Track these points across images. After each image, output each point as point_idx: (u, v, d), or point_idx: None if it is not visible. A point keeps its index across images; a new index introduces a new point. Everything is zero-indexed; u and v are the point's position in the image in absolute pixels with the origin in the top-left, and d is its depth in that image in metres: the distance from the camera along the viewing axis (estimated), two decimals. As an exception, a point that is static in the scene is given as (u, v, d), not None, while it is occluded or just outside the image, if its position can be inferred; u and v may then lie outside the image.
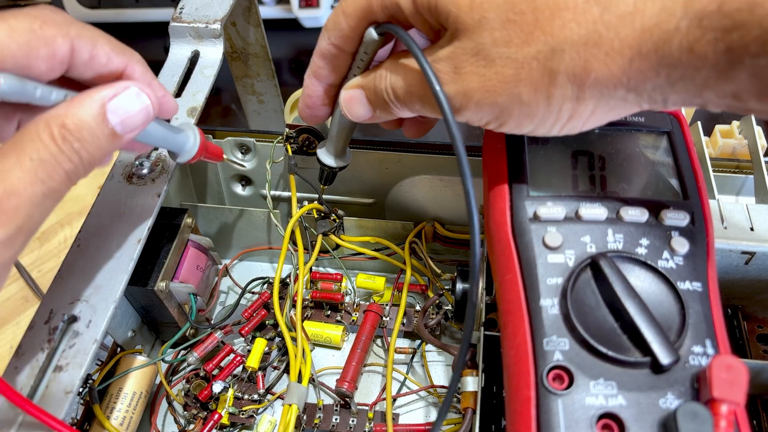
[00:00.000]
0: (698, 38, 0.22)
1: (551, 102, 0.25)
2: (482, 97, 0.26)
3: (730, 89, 0.23)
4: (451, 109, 0.27)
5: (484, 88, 0.26)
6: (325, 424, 0.44)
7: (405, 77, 0.30)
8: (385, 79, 0.31)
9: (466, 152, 0.25)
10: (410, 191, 0.50)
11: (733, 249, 0.37)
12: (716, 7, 0.21)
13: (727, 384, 0.24)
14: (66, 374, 0.32)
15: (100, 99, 0.27)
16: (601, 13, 0.23)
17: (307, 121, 0.37)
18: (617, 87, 0.24)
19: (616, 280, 0.27)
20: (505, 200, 0.31)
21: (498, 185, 0.32)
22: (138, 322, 0.46)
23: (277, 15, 0.90)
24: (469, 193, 0.26)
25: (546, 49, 0.24)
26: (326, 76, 0.34)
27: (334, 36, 0.31)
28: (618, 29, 0.23)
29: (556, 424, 0.25)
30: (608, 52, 0.23)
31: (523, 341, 0.28)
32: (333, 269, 0.55)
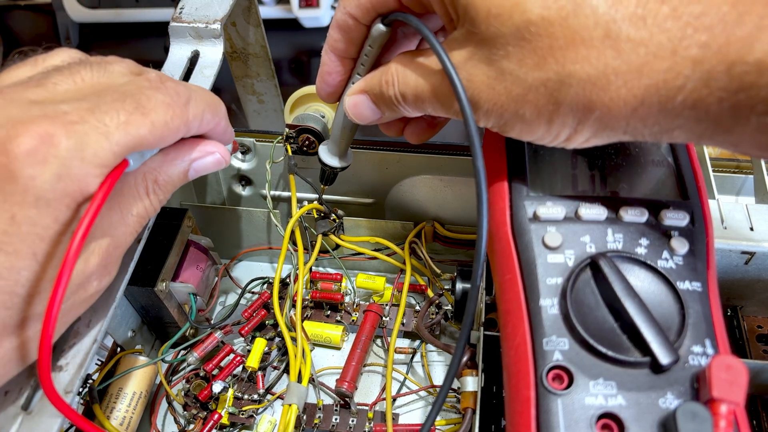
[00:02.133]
0: (704, 97, 0.22)
1: (551, 126, 0.26)
2: (490, 108, 0.27)
3: (731, 140, 0.23)
4: (474, 117, 0.27)
5: (492, 100, 0.26)
6: (324, 424, 0.44)
7: (417, 79, 0.29)
8: (394, 85, 0.30)
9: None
10: (410, 191, 0.50)
11: (733, 249, 0.37)
12: (725, 68, 0.21)
13: (727, 384, 0.24)
14: (66, 374, 0.32)
15: (189, 160, 0.31)
16: (614, 58, 0.23)
17: (324, 100, 0.37)
18: (617, 127, 0.25)
19: (615, 280, 0.27)
20: (505, 200, 0.31)
21: (498, 185, 0.32)
22: (138, 322, 0.46)
23: (277, 15, 0.90)
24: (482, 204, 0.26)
25: (555, 78, 0.24)
26: (343, 50, 0.33)
27: (351, 5, 0.30)
28: (626, 79, 0.23)
29: (555, 424, 0.25)
30: (613, 98, 0.23)
31: (523, 341, 0.28)
32: (333, 269, 0.55)
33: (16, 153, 0.23)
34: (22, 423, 0.31)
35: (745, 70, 0.21)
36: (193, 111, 0.29)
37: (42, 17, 1.01)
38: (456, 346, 0.28)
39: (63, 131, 0.24)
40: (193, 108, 0.29)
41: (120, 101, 0.26)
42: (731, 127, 0.23)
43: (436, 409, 0.30)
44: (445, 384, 0.29)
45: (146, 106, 0.27)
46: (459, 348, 0.28)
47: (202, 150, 0.32)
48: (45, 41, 0.98)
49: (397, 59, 0.31)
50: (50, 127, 0.24)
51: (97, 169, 0.25)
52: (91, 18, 0.93)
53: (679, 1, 0.22)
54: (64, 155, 0.24)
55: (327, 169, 0.41)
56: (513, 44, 0.25)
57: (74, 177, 0.24)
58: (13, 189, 0.23)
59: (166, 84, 0.29)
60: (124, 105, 0.26)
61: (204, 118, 0.30)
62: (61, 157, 0.24)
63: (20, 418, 0.31)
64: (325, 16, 0.89)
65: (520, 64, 0.25)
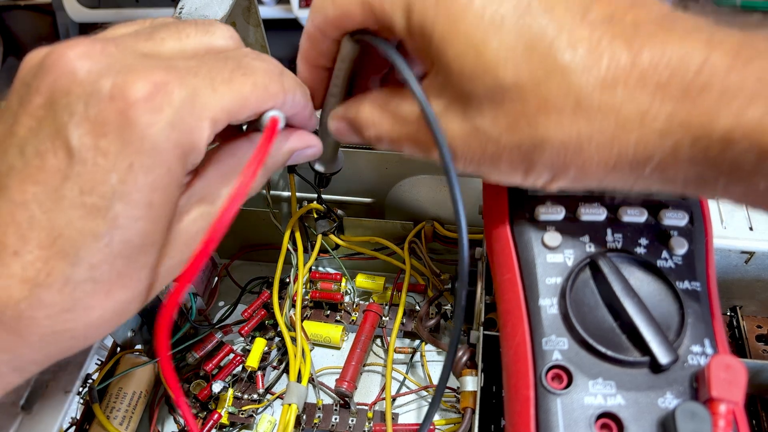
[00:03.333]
0: (672, 165, 0.23)
1: (527, 178, 0.26)
2: (467, 160, 0.27)
3: (701, 193, 0.25)
4: (455, 172, 0.26)
5: (468, 154, 0.27)
6: (324, 423, 0.44)
7: (393, 126, 0.29)
8: (369, 128, 0.30)
9: None
10: (410, 191, 0.50)
11: (733, 249, 0.37)
12: (690, 141, 0.22)
13: (726, 383, 0.24)
14: (65, 373, 0.32)
15: (293, 148, 0.32)
16: (586, 126, 0.23)
17: None
18: (592, 181, 0.25)
19: (615, 279, 0.27)
20: (504, 200, 0.31)
21: (497, 185, 0.32)
22: (138, 322, 0.46)
23: (277, 15, 0.90)
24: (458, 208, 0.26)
25: (529, 143, 0.25)
26: (315, 59, 0.33)
27: (318, 18, 0.30)
28: (598, 148, 0.24)
29: (554, 424, 0.25)
30: (586, 161, 0.24)
31: (522, 341, 0.28)
32: (332, 269, 0.55)
33: (134, 99, 0.23)
34: (22, 423, 0.31)
35: (708, 145, 0.22)
36: (287, 83, 0.29)
37: (42, 17, 1.01)
38: (450, 343, 0.28)
39: (176, 82, 0.24)
40: (287, 81, 0.29)
41: (222, 61, 0.27)
42: (701, 190, 0.24)
43: (434, 407, 0.30)
44: (440, 386, 0.29)
45: (247, 68, 0.27)
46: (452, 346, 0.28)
47: (305, 140, 0.32)
48: (45, 41, 0.98)
49: (371, 99, 0.30)
50: (165, 76, 0.24)
51: (206, 122, 0.25)
52: (91, 18, 0.93)
53: (649, 64, 0.22)
54: (177, 104, 0.24)
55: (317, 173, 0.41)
56: (487, 105, 0.25)
57: (186, 127, 0.24)
58: (130, 136, 0.23)
59: (260, 54, 0.29)
60: (227, 65, 0.27)
61: (296, 94, 0.30)
62: (175, 107, 0.24)
63: (20, 418, 0.31)
64: (325, 16, 0.89)
65: (494, 125, 0.25)
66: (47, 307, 0.24)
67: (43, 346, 0.25)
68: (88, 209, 0.23)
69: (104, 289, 0.25)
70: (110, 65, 0.24)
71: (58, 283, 0.23)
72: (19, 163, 0.24)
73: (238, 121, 0.28)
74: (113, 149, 0.23)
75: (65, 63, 0.24)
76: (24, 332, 0.24)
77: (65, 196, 0.23)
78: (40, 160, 0.23)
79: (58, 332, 0.24)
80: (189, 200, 0.27)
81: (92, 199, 0.23)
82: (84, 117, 0.23)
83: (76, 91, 0.24)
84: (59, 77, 0.24)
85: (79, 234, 0.23)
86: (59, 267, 0.23)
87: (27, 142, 0.24)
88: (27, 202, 0.23)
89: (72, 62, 0.24)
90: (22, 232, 0.23)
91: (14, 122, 0.24)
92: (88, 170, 0.23)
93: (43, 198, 0.23)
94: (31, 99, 0.24)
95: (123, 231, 0.24)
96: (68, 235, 0.23)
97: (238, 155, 0.30)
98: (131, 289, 0.26)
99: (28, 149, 0.24)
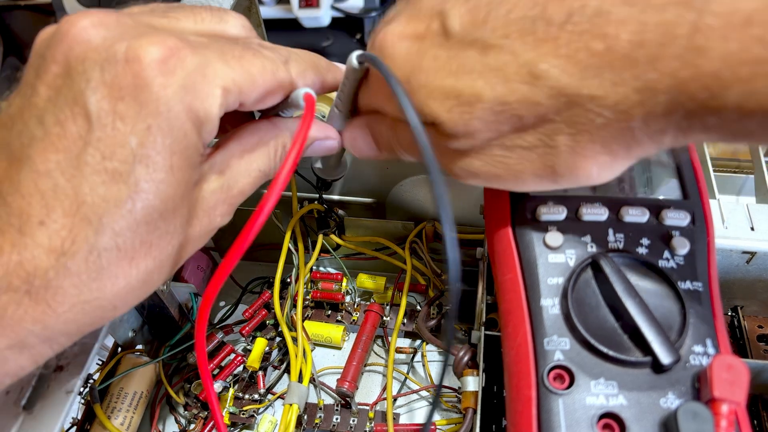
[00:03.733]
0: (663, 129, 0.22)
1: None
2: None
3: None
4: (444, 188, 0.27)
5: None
6: (325, 423, 0.44)
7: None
8: (397, 141, 0.32)
9: None
10: (411, 191, 0.50)
11: (734, 249, 0.37)
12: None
13: (728, 384, 0.24)
14: (67, 374, 0.32)
15: (314, 138, 0.32)
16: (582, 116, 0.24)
17: None
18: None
19: (616, 279, 0.27)
20: (506, 200, 0.31)
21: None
22: (139, 322, 0.46)
23: (277, 15, 0.90)
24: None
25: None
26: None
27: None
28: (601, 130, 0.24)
29: (556, 424, 0.25)
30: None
31: (524, 341, 0.28)
32: (333, 269, 0.55)
33: (149, 60, 0.23)
34: (23, 422, 0.31)
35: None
36: (294, 69, 0.29)
37: (42, 17, 1.01)
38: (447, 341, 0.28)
39: (189, 49, 0.25)
40: (294, 66, 0.29)
41: (233, 43, 0.28)
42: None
43: (434, 407, 0.30)
44: (439, 386, 0.29)
45: (256, 51, 0.28)
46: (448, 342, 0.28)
47: (325, 131, 0.33)
48: (45, 41, 0.98)
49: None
50: (178, 43, 0.25)
51: (217, 89, 0.25)
52: (92, 18, 0.93)
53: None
54: (190, 69, 0.24)
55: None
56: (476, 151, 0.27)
57: (198, 92, 0.25)
58: (147, 97, 0.24)
59: (267, 43, 0.30)
60: (237, 45, 0.27)
61: (306, 75, 0.30)
62: (187, 70, 0.24)
63: (21, 418, 0.31)
64: (325, 16, 0.89)
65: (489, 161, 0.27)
66: (74, 276, 0.24)
67: (72, 316, 0.25)
68: (110, 174, 0.23)
69: (128, 256, 0.25)
70: (124, 32, 0.25)
71: (82, 251, 0.24)
72: (40, 132, 0.24)
73: (248, 103, 0.28)
74: (131, 112, 0.24)
75: (79, 31, 0.24)
76: (52, 302, 0.24)
77: (87, 163, 0.23)
78: (61, 128, 0.24)
79: (86, 302, 0.25)
80: (209, 171, 0.28)
81: (113, 164, 0.23)
82: (101, 82, 0.23)
83: (91, 56, 0.24)
84: (74, 45, 0.24)
85: (102, 200, 0.24)
86: (83, 234, 0.24)
87: (46, 112, 0.24)
88: (50, 171, 0.23)
89: (87, 29, 0.24)
90: (46, 200, 0.23)
91: (32, 93, 0.25)
92: (107, 135, 0.23)
93: (66, 165, 0.23)
94: (48, 68, 0.24)
95: (145, 195, 0.24)
96: (91, 202, 0.23)
97: (259, 134, 0.30)
98: (154, 258, 0.26)
99: (48, 118, 0.24)
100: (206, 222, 0.28)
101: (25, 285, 0.23)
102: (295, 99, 0.30)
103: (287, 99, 0.30)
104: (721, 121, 0.21)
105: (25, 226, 0.23)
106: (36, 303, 0.24)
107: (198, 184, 0.27)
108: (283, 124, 0.31)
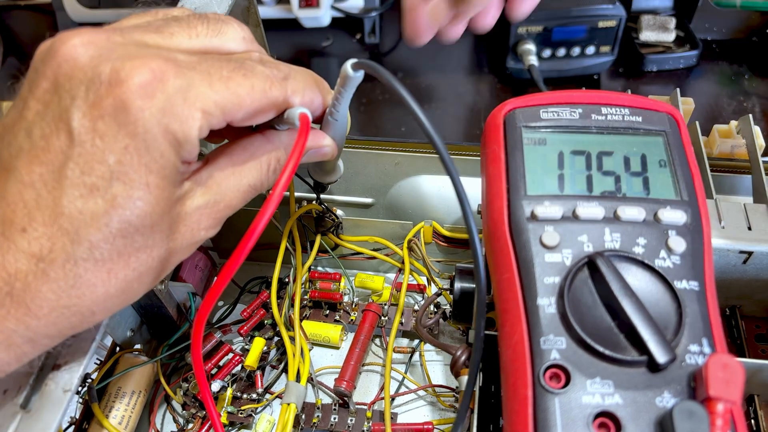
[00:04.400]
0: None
1: None
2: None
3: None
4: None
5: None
6: (323, 423, 0.44)
7: None
8: None
9: (463, 153, 0.26)
10: (409, 191, 0.50)
11: (731, 248, 0.37)
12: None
13: (724, 383, 0.24)
14: (64, 372, 0.32)
15: (308, 148, 0.33)
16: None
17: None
18: None
19: (613, 279, 0.28)
20: (503, 199, 0.31)
21: (496, 184, 0.32)
22: (137, 322, 0.46)
23: (276, 15, 0.90)
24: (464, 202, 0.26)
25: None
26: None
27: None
28: None
29: (552, 423, 0.25)
30: None
31: (520, 340, 0.28)
32: (331, 269, 0.55)
33: (130, 84, 0.24)
34: (21, 421, 0.31)
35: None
36: (292, 86, 0.30)
37: (42, 17, 1.01)
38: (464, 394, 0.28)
39: (173, 72, 0.25)
40: (292, 84, 0.30)
41: (225, 62, 0.28)
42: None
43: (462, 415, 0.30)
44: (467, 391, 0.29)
45: (248, 70, 0.28)
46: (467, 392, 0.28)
47: (318, 140, 0.34)
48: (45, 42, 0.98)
49: None
50: (163, 65, 0.25)
51: (197, 113, 0.26)
52: (91, 18, 0.93)
53: None
54: (171, 92, 0.25)
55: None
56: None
57: (176, 115, 0.25)
58: (125, 118, 0.24)
59: (267, 59, 0.31)
60: (228, 65, 0.28)
61: (304, 94, 0.31)
62: (168, 94, 0.25)
63: (19, 417, 0.31)
64: (325, 16, 0.88)
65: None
66: (52, 282, 0.25)
67: (53, 320, 0.26)
68: (88, 189, 0.25)
69: (106, 267, 0.26)
70: (111, 52, 0.25)
71: (60, 259, 0.25)
72: (27, 144, 0.25)
73: (235, 121, 0.28)
74: (110, 132, 0.24)
75: (69, 49, 0.25)
76: (31, 305, 0.25)
77: (67, 176, 0.24)
78: (45, 142, 0.25)
79: (64, 306, 0.26)
80: (194, 186, 0.28)
81: (91, 179, 0.25)
82: (84, 100, 0.24)
83: (78, 75, 0.25)
84: (63, 62, 0.25)
85: (79, 213, 0.25)
86: (60, 243, 0.25)
87: (34, 125, 0.25)
88: (34, 182, 0.25)
89: (75, 48, 0.25)
90: (28, 210, 0.25)
91: (23, 107, 0.26)
92: (87, 151, 0.24)
93: (48, 178, 0.25)
94: (39, 84, 0.26)
95: (122, 211, 0.25)
96: (69, 214, 0.25)
97: (250, 150, 0.30)
98: (134, 269, 0.27)
99: (35, 131, 0.25)
100: (189, 236, 0.29)
101: (7, 286, 0.25)
102: (290, 117, 0.30)
103: (282, 114, 0.30)
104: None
105: (8, 231, 0.25)
106: (18, 305, 0.25)
107: (181, 199, 0.28)
108: (277, 138, 0.32)
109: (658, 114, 0.33)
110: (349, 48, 0.86)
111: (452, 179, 0.27)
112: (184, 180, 0.28)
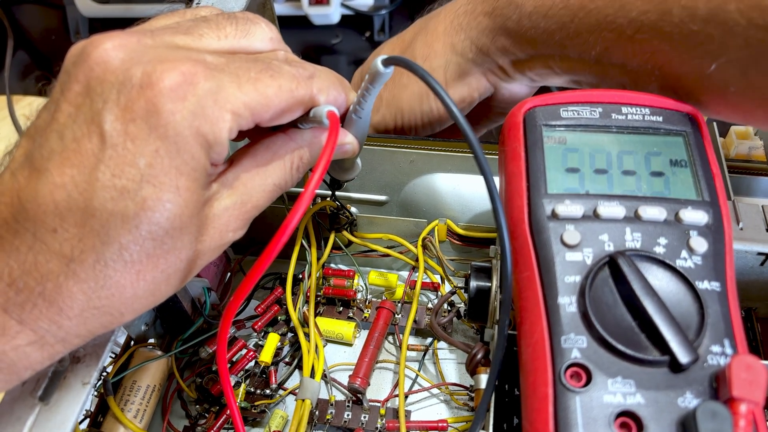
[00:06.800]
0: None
1: None
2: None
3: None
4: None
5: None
6: (337, 419, 0.44)
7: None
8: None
9: (484, 150, 0.27)
10: (424, 189, 0.50)
11: (749, 250, 0.37)
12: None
13: (747, 383, 0.24)
14: (83, 366, 0.33)
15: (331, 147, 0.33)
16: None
17: None
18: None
19: (634, 278, 0.28)
20: (523, 198, 0.31)
21: (516, 183, 0.32)
22: (152, 316, 0.46)
23: (287, 12, 0.90)
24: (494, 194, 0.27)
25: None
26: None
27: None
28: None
29: (573, 422, 0.25)
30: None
31: (541, 339, 0.28)
32: (345, 266, 0.55)
33: (161, 87, 0.25)
34: (40, 414, 0.31)
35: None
36: (317, 85, 0.30)
37: (51, 12, 1.02)
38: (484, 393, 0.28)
39: (203, 74, 0.26)
40: (317, 82, 0.30)
41: (252, 62, 0.28)
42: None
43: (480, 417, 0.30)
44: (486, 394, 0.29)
45: (275, 71, 0.28)
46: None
47: (341, 137, 0.34)
48: (54, 36, 0.98)
49: None
50: (193, 68, 0.26)
51: (227, 114, 0.26)
52: (101, 13, 0.93)
53: None
54: (201, 95, 0.26)
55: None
56: None
57: (207, 117, 0.26)
58: (156, 121, 0.25)
59: (292, 57, 0.31)
60: (256, 65, 0.28)
61: (329, 93, 0.31)
62: (198, 96, 0.25)
63: (37, 409, 0.31)
64: (335, 13, 0.88)
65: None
66: (82, 282, 0.25)
67: (83, 320, 0.26)
68: (118, 191, 0.25)
69: (135, 269, 0.26)
70: (143, 55, 0.26)
71: (90, 260, 0.25)
72: (59, 146, 0.25)
73: (263, 122, 0.28)
74: (141, 134, 0.25)
75: (101, 53, 0.25)
76: (62, 305, 0.25)
77: (98, 179, 0.25)
78: (77, 144, 0.25)
79: (95, 308, 0.26)
80: (221, 188, 0.29)
81: (122, 181, 0.25)
82: (116, 104, 0.25)
83: (109, 79, 0.25)
84: (95, 66, 0.25)
85: (109, 215, 0.25)
86: (91, 245, 0.25)
87: (66, 127, 0.25)
88: (65, 184, 0.25)
89: (107, 52, 0.25)
90: (60, 211, 0.25)
91: (56, 109, 0.26)
92: (118, 154, 0.25)
93: (79, 180, 0.25)
94: (71, 87, 0.26)
95: (151, 213, 0.25)
96: (100, 216, 0.25)
97: (273, 149, 0.31)
98: (162, 271, 0.27)
99: (66, 134, 0.25)
100: (218, 237, 0.29)
101: (39, 287, 0.25)
102: (318, 115, 0.30)
103: (308, 114, 0.30)
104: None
105: (39, 232, 0.25)
106: (50, 305, 0.25)
107: (209, 201, 0.28)
108: (299, 136, 0.32)
109: (678, 114, 0.33)
110: (358, 45, 0.86)
111: (485, 177, 0.27)
112: (212, 182, 0.28)
